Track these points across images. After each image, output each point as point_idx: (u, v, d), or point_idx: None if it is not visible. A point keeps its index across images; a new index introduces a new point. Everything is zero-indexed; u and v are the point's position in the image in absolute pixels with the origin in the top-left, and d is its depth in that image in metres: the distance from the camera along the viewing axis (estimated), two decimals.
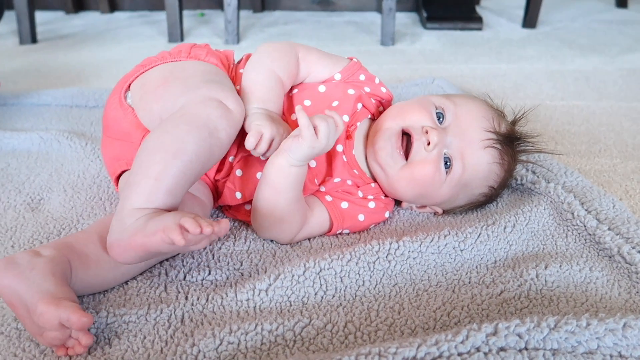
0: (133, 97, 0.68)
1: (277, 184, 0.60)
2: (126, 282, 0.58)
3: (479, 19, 1.95)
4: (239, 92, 0.68)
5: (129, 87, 0.69)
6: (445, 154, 0.66)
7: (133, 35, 1.82)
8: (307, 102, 0.70)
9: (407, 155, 0.67)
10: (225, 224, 0.50)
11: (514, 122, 0.72)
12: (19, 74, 1.39)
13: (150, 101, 0.65)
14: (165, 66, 0.69)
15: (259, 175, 0.66)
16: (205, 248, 0.64)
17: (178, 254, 0.62)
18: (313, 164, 0.67)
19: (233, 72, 0.73)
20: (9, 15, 1.75)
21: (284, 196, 0.61)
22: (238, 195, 0.66)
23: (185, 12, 2.03)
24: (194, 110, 0.58)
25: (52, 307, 0.45)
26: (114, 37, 1.80)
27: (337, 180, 0.68)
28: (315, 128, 0.57)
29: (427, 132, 0.65)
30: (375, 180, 0.71)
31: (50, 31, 1.88)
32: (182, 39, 1.74)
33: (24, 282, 0.48)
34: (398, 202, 0.74)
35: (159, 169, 0.54)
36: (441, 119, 0.68)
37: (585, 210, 0.70)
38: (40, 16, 1.95)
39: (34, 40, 1.72)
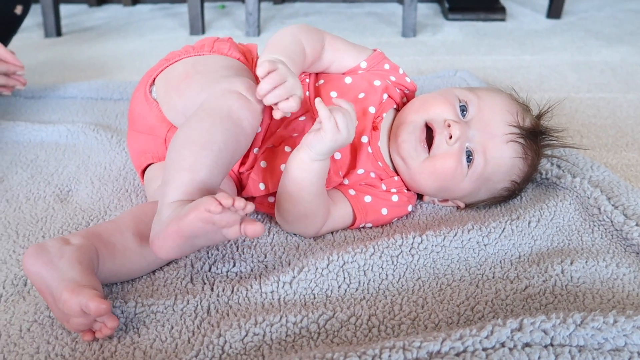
0: (158, 91, 0.69)
1: (300, 179, 0.60)
2: (153, 273, 0.60)
3: (502, 10, 1.92)
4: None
5: (153, 81, 0.70)
6: (467, 147, 0.65)
7: (155, 28, 1.84)
8: (334, 94, 0.70)
9: (429, 148, 0.66)
10: (260, 226, 0.50)
11: (539, 116, 0.71)
12: (45, 66, 1.41)
13: (173, 96, 0.66)
14: (188, 60, 0.69)
15: (282, 167, 0.66)
16: (229, 241, 0.65)
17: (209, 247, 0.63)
18: (338, 155, 0.67)
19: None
20: (35, 9, 1.78)
21: (307, 191, 0.61)
22: (262, 186, 0.67)
23: (206, 4, 2.04)
24: (215, 104, 0.58)
25: (73, 295, 0.47)
26: (136, 30, 1.82)
27: (360, 172, 0.68)
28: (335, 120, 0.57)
29: (449, 126, 0.65)
30: (397, 174, 0.71)
31: (74, 24, 1.91)
32: (203, 32, 1.75)
33: (52, 269, 0.49)
34: (420, 196, 0.74)
35: (191, 161, 0.54)
36: (465, 112, 0.67)
37: (612, 205, 0.69)
38: (64, 9, 1.98)
39: (58, 33, 1.74)
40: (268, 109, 0.67)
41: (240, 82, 0.61)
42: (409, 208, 0.70)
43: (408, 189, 0.72)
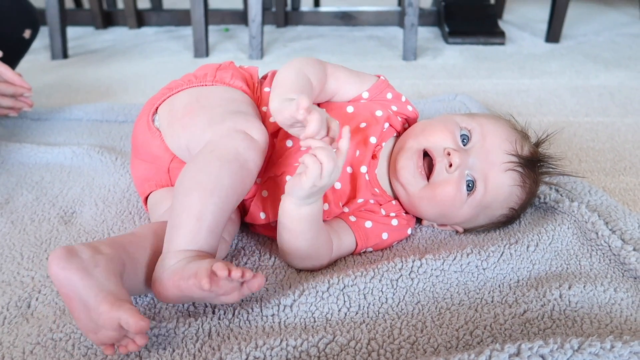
0: (160, 120, 0.70)
1: (292, 228, 0.61)
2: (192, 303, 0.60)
3: (501, 34, 1.95)
4: (265, 115, 0.70)
5: (156, 110, 0.71)
6: (468, 175, 0.66)
7: (160, 50, 1.87)
8: None
9: (429, 175, 0.67)
10: (260, 278, 0.51)
11: (537, 144, 0.73)
12: (51, 88, 1.44)
13: (177, 130, 0.67)
14: (191, 92, 0.70)
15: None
16: (231, 263, 0.66)
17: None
18: (338, 185, 0.68)
19: (258, 92, 0.74)
20: (42, 31, 1.82)
21: (302, 237, 0.61)
22: (262, 215, 0.68)
23: (210, 27, 2.07)
24: (222, 145, 0.59)
25: (114, 309, 0.47)
26: (141, 52, 1.85)
27: (360, 200, 0.69)
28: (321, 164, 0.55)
29: (448, 154, 0.65)
30: (395, 198, 0.72)
31: (80, 46, 1.95)
32: (207, 54, 1.78)
33: (87, 278, 0.48)
34: (419, 220, 0.75)
35: (198, 208, 0.55)
36: (466, 141, 0.68)
37: (610, 230, 0.70)
38: (71, 32, 2.02)
39: (65, 55, 1.78)
40: (270, 141, 0.68)
41: (244, 119, 0.62)
42: (409, 231, 0.71)
43: (407, 212, 0.72)
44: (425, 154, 0.68)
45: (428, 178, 0.67)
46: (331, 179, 0.56)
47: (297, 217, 0.60)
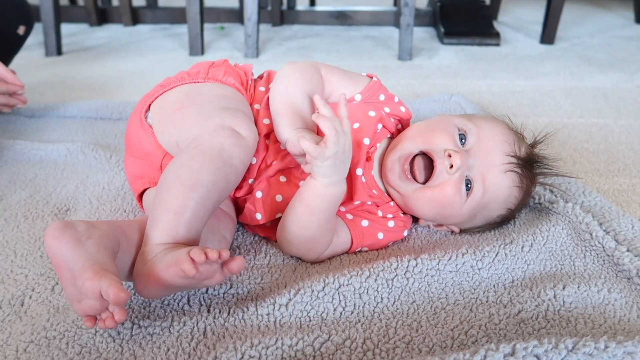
0: (153, 117, 0.70)
1: (311, 204, 0.61)
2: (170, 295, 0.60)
3: (496, 35, 1.96)
4: (257, 112, 0.70)
5: (149, 107, 0.71)
6: (466, 176, 0.66)
7: (155, 48, 1.87)
8: None
9: (429, 177, 0.67)
10: (240, 260, 0.52)
11: (533, 145, 0.73)
12: (45, 85, 1.43)
13: (167, 126, 0.67)
14: (183, 88, 0.70)
15: (278, 197, 0.67)
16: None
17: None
18: None
19: (251, 90, 0.74)
20: (36, 28, 1.80)
21: (317, 216, 0.61)
22: (259, 216, 0.68)
23: (206, 26, 2.07)
24: (207, 141, 0.59)
25: (98, 277, 0.47)
26: (136, 50, 1.84)
27: (357, 202, 0.69)
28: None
29: (449, 156, 0.65)
30: (393, 199, 0.72)
31: (74, 43, 1.93)
32: (202, 52, 1.77)
33: (77, 247, 0.49)
34: (415, 219, 0.75)
35: (177, 203, 0.55)
36: (463, 141, 0.68)
37: (604, 230, 0.70)
38: (65, 28, 2.01)
39: (59, 52, 1.76)
40: (262, 142, 0.68)
41: (233, 116, 0.62)
42: (405, 233, 0.71)
43: (404, 213, 0.73)
44: (423, 155, 0.68)
45: (427, 180, 0.67)
46: (342, 144, 0.57)
47: (321, 194, 0.60)
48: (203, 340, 0.54)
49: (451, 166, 0.65)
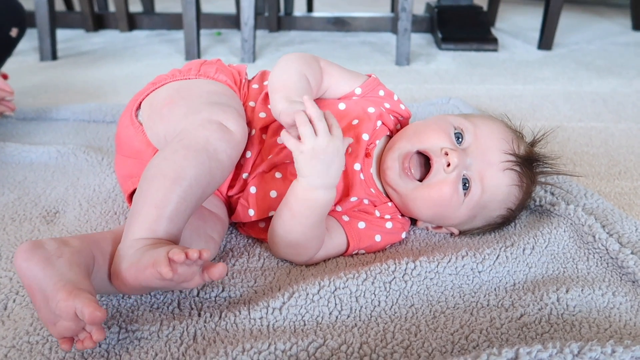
0: (143, 115, 0.68)
1: (294, 207, 0.59)
2: (140, 296, 0.58)
3: (494, 40, 1.95)
4: (252, 109, 0.68)
5: (139, 105, 0.69)
6: (463, 175, 0.65)
7: (151, 53, 1.85)
8: None
9: (425, 176, 0.66)
10: (222, 267, 0.49)
11: (532, 144, 0.71)
12: (38, 89, 1.41)
13: (156, 121, 0.66)
14: (173, 84, 0.69)
15: (273, 193, 0.65)
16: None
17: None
18: None
19: (245, 88, 0.72)
20: (31, 33, 1.79)
21: (300, 221, 0.60)
22: (251, 212, 0.66)
23: (203, 31, 2.06)
24: (193, 134, 0.57)
25: (71, 297, 0.45)
26: (132, 55, 1.83)
27: (353, 199, 0.67)
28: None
29: (446, 154, 0.64)
30: (391, 200, 0.70)
31: (70, 48, 1.92)
32: (199, 57, 1.76)
33: (48, 268, 0.47)
34: (414, 221, 0.73)
35: (159, 196, 0.53)
36: (460, 140, 0.67)
37: (607, 233, 0.68)
38: (61, 34, 2.00)
39: (54, 57, 1.75)
40: (258, 136, 0.66)
41: (221, 110, 0.60)
42: (403, 235, 0.69)
43: (402, 215, 0.71)
44: (421, 155, 0.67)
45: (423, 178, 0.66)
46: (322, 145, 0.55)
47: (302, 199, 0.58)
48: (193, 345, 0.52)
49: (448, 164, 0.63)
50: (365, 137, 0.68)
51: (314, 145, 0.55)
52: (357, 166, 0.67)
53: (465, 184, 0.65)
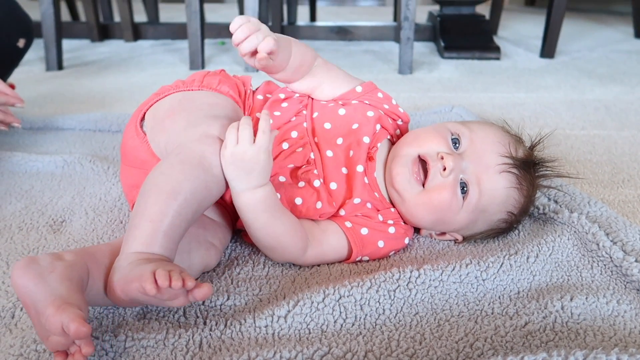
0: (147, 125, 0.69)
1: (242, 216, 0.61)
2: (146, 305, 0.58)
3: (496, 49, 1.96)
4: (256, 122, 0.69)
5: (144, 115, 0.70)
6: (461, 179, 0.66)
7: (155, 63, 1.87)
8: (328, 125, 0.71)
9: (424, 181, 0.67)
10: (207, 288, 0.49)
11: (531, 147, 0.72)
12: (44, 98, 1.43)
13: (158, 132, 0.67)
14: (176, 95, 0.70)
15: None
16: (224, 274, 0.64)
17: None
18: (334, 185, 0.67)
19: (250, 100, 0.73)
20: (38, 43, 1.81)
21: (254, 226, 0.61)
22: None
23: (207, 41, 2.08)
24: (189, 148, 0.58)
25: (59, 312, 0.45)
26: (137, 64, 1.85)
27: (357, 201, 0.67)
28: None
29: (442, 158, 0.65)
30: (394, 206, 0.71)
31: (76, 58, 1.94)
32: (203, 66, 1.78)
33: (40, 283, 0.48)
34: (417, 230, 0.74)
35: (154, 210, 0.54)
36: (457, 145, 0.68)
37: (611, 241, 0.68)
38: (67, 44, 2.02)
39: (60, 67, 1.77)
40: None
41: (219, 124, 0.60)
42: (406, 241, 0.70)
43: (405, 222, 0.71)
44: (420, 161, 0.68)
45: (423, 184, 0.66)
46: (241, 152, 0.56)
47: (240, 203, 0.60)
48: (199, 353, 0.52)
49: (444, 168, 0.64)
50: (366, 139, 0.69)
51: (233, 152, 0.57)
52: (359, 168, 0.68)
53: (464, 187, 0.66)
